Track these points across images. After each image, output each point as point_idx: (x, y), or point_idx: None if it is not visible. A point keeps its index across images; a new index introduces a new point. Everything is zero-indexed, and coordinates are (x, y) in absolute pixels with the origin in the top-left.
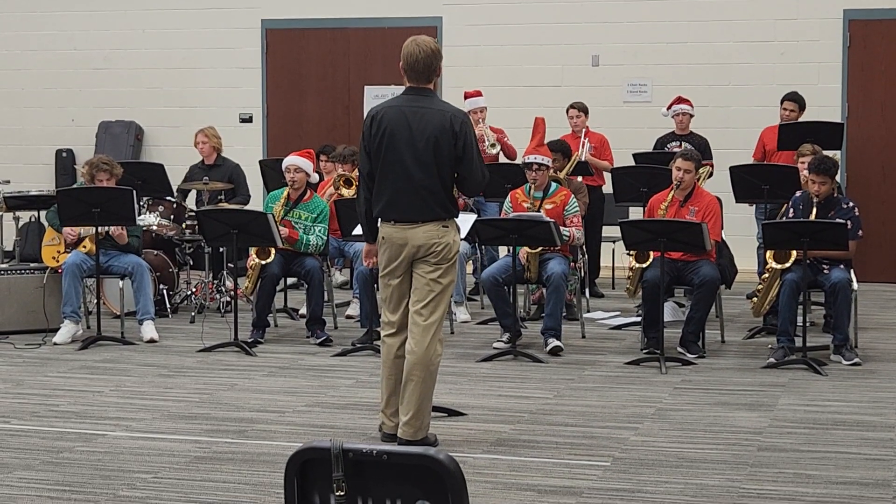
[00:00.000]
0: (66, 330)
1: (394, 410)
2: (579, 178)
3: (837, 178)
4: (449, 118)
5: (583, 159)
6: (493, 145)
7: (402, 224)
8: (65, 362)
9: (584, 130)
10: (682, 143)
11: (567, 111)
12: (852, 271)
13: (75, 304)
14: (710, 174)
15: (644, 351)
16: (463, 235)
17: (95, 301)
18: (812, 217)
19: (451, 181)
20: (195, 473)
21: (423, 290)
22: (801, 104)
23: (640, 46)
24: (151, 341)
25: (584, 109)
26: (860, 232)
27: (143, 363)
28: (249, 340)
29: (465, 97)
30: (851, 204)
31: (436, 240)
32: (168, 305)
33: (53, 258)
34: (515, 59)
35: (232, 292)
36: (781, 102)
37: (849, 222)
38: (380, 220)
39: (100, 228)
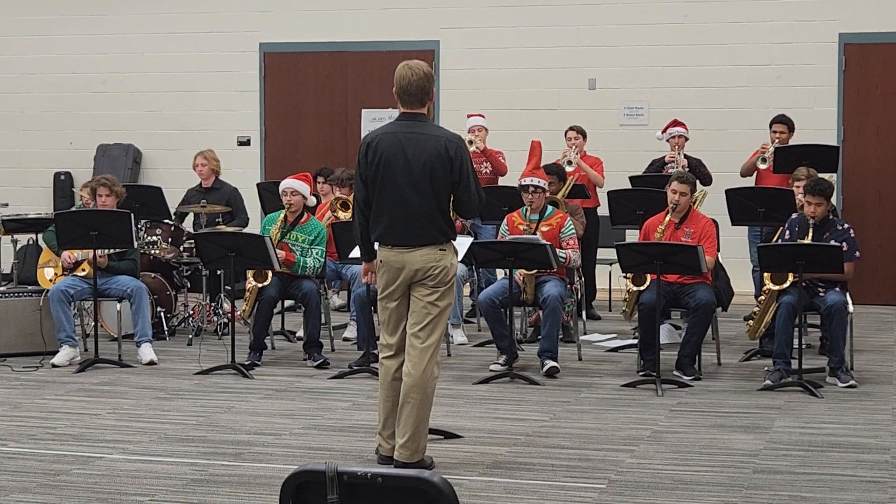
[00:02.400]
0: (65, 353)
1: (391, 433)
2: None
3: (833, 200)
4: (444, 143)
5: (572, 165)
6: (470, 142)
7: (400, 248)
8: (62, 385)
9: (571, 152)
10: (683, 157)
11: (566, 133)
12: (848, 294)
13: (68, 329)
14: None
15: (640, 373)
16: (460, 258)
17: (93, 324)
18: (808, 239)
19: (448, 205)
20: (192, 496)
21: (420, 312)
22: (790, 126)
23: (636, 70)
24: (151, 363)
25: (582, 132)
26: (857, 253)
27: (140, 385)
28: (247, 363)
29: (468, 117)
30: (847, 225)
31: (433, 263)
32: (165, 328)
33: (50, 280)
34: (513, 83)
35: (229, 315)
36: (770, 126)
37: (844, 244)
38: (377, 244)
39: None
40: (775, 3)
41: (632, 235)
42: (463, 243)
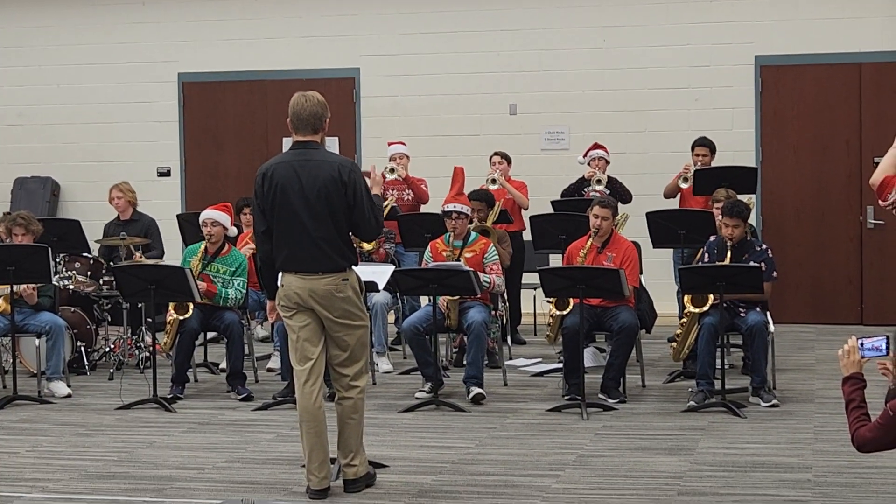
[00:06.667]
0: None
1: (318, 464)
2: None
3: (753, 221)
4: (337, 168)
5: (496, 184)
6: (391, 170)
7: (304, 274)
8: None
9: (496, 172)
10: (599, 182)
11: (490, 158)
12: (769, 314)
13: None
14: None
15: (566, 397)
16: (382, 286)
17: (11, 360)
18: (727, 261)
19: (347, 229)
20: None
21: (339, 343)
22: (712, 148)
23: (557, 94)
24: (68, 396)
25: (507, 158)
26: (774, 273)
27: (60, 422)
28: (169, 396)
29: (389, 144)
30: (764, 246)
31: (336, 293)
32: (86, 362)
33: None
34: (434, 109)
35: (151, 348)
36: (692, 148)
37: (763, 264)
38: (281, 272)
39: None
40: (692, 27)
41: (555, 260)
42: (385, 271)
